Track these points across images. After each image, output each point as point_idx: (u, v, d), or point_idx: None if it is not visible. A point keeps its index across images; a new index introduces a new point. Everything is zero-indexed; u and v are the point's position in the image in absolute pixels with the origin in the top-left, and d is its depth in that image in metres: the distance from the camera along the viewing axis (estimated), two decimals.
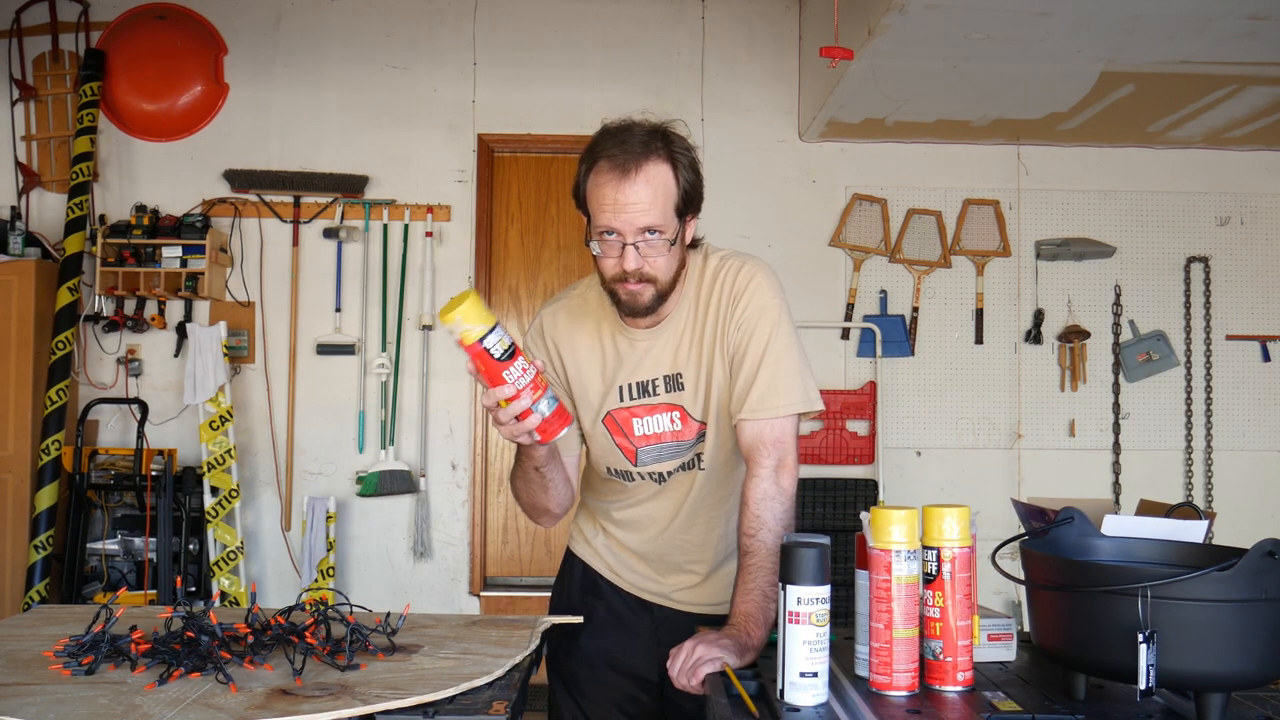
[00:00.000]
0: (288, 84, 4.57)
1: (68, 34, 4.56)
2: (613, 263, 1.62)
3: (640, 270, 1.61)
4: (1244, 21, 3.23)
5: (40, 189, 4.54)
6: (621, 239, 1.59)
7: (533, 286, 4.65)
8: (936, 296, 4.61)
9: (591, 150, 1.62)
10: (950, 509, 1.29)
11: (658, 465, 1.77)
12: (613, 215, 1.58)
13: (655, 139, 1.61)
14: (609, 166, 1.58)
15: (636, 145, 1.59)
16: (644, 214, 1.57)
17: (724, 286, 1.72)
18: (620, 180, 1.57)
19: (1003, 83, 3.84)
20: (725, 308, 1.71)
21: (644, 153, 1.58)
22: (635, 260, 1.60)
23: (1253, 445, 4.63)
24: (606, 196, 1.58)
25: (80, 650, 1.35)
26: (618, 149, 1.58)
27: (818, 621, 1.25)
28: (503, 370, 1.44)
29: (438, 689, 1.24)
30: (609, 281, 1.65)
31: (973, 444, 4.60)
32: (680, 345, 1.75)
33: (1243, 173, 4.67)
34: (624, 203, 1.57)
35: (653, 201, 1.58)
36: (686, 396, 1.75)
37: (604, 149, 1.60)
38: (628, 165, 1.57)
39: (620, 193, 1.57)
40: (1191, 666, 1.15)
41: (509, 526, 4.62)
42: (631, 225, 1.58)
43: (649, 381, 1.76)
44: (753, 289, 1.70)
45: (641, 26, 4.62)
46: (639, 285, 1.62)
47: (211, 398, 4.24)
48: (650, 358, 1.75)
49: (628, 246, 1.59)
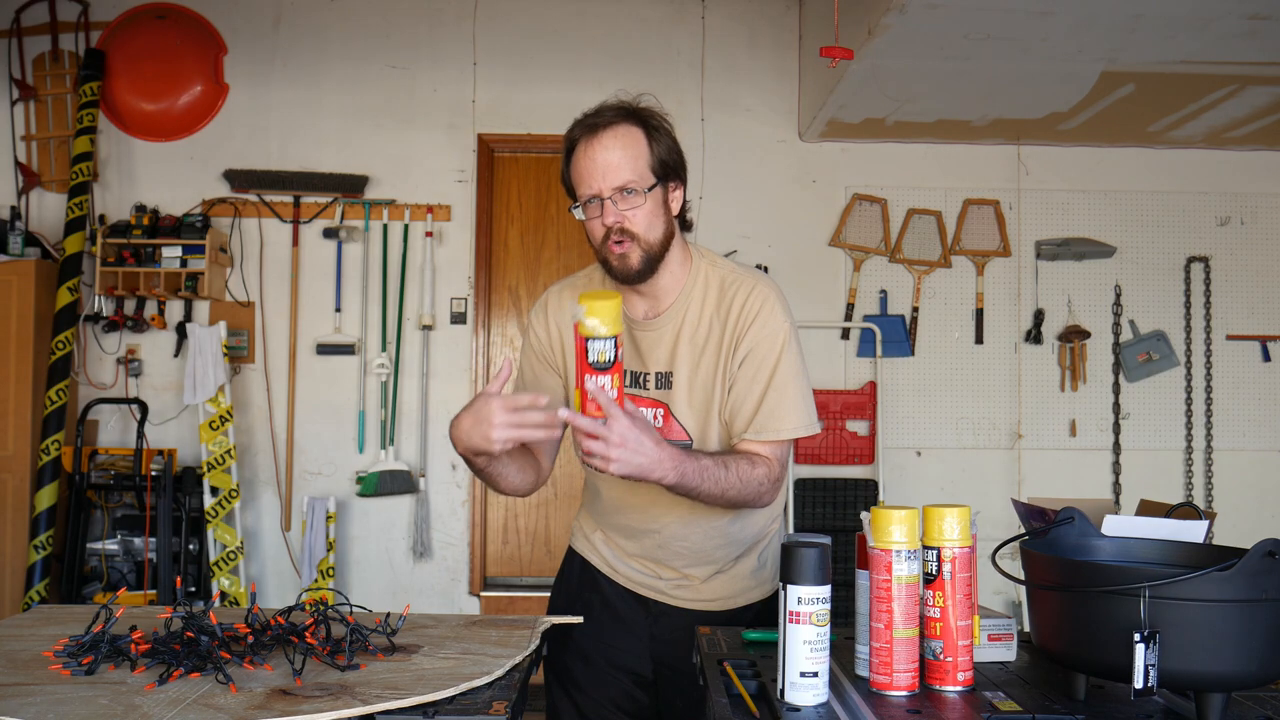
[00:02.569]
0: (288, 84, 4.56)
1: (68, 34, 4.56)
2: (596, 223, 1.68)
3: (620, 224, 1.65)
4: (1244, 21, 3.23)
5: (40, 189, 4.54)
6: (599, 198, 1.65)
7: (533, 286, 4.65)
8: (936, 296, 4.61)
9: (569, 132, 1.71)
10: (950, 509, 1.29)
11: None
12: (588, 176, 1.65)
13: (624, 109, 1.70)
14: (583, 135, 1.68)
15: (606, 112, 1.68)
16: (616, 169, 1.64)
17: (735, 303, 1.74)
18: (591, 141, 1.66)
19: (1003, 83, 3.84)
20: (735, 324, 1.74)
21: (613, 118, 1.67)
22: (614, 214, 1.65)
23: (1253, 445, 4.63)
24: (581, 161, 1.67)
25: (80, 650, 1.35)
26: (588, 118, 1.69)
27: (818, 621, 1.25)
28: (584, 374, 1.49)
29: (438, 689, 1.24)
30: (598, 249, 1.71)
31: (973, 444, 4.60)
32: (678, 344, 1.76)
33: (1243, 173, 4.67)
34: (597, 161, 1.65)
35: (623, 158, 1.65)
36: (674, 395, 1.76)
37: (579, 125, 1.70)
38: (597, 127, 1.66)
39: (590, 150, 1.65)
40: (1191, 666, 1.15)
41: (509, 526, 4.62)
42: (607, 182, 1.64)
43: (641, 374, 1.78)
44: (766, 312, 1.73)
45: (641, 26, 4.62)
46: (624, 245, 1.67)
47: (211, 398, 4.24)
48: (645, 351, 1.77)
49: (605, 201, 1.65)
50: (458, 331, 4.54)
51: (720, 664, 1.42)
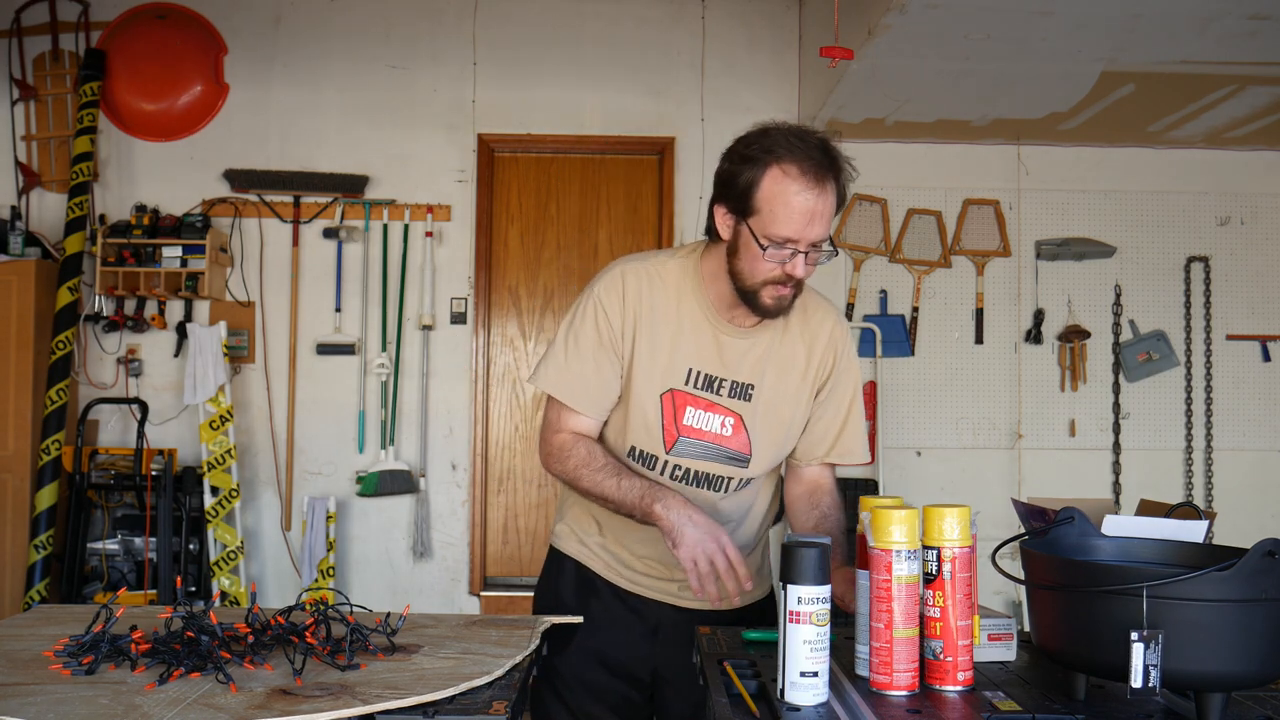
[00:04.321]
0: (288, 84, 4.57)
1: (68, 34, 4.56)
2: (772, 267, 1.62)
3: (801, 278, 1.64)
4: (1244, 21, 3.23)
5: (40, 189, 4.54)
6: (795, 247, 1.60)
7: (533, 286, 4.65)
8: (936, 296, 4.62)
9: (771, 149, 1.60)
10: (950, 509, 1.29)
11: (687, 460, 1.76)
12: (803, 224, 1.58)
13: (834, 151, 1.62)
14: (801, 173, 1.57)
15: (823, 156, 1.59)
16: (824, 226, 1.60)
17: (822, 330, 1.80)
18: (816, 191, 1.58)
19: (1003, 83, 3.84)
20: (823, 352, 1.79)
21: (831, 166, 1.60)
22: (803, 269, 1.62)
23: (1253, 445, 4.63)
24: (798, 207, 1.57)
25: (80, 650, 1.35)
26: (808, 157, 1.58)
27: (818, 621, 1.25)
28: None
29: (438, 689, 1.24)
30: (758, 283, 1.64)
31: (973, 444, 4.60)
32: (767, 359, 1.76)
33: (1243, 173, 4.67)
34: (816, 213, 1.58)
35: (832, 213, 1.61)
36: (752, 409, 1.75)
37: (793, 151, 1.58)
38: (822, 178, 1.58)
39: (814, 204, 1.57)
40: (1191, 666, 1.15)
41: (509, 526, 4.62)
42: (814, 236, 1.60)
43: (719, 379, 1.76)
44: (847, 342, 1.83)
45: (641, 26, 4.62)
46: (790, 290, 1.65)
47: (211, 398, 4.24)
48: (730, 359, 1.75)
49: (798, 254, 1.60)
50: (458, 331, 4.54)
51: (720, 664, 1.42)
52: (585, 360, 1.75)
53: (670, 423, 1.74)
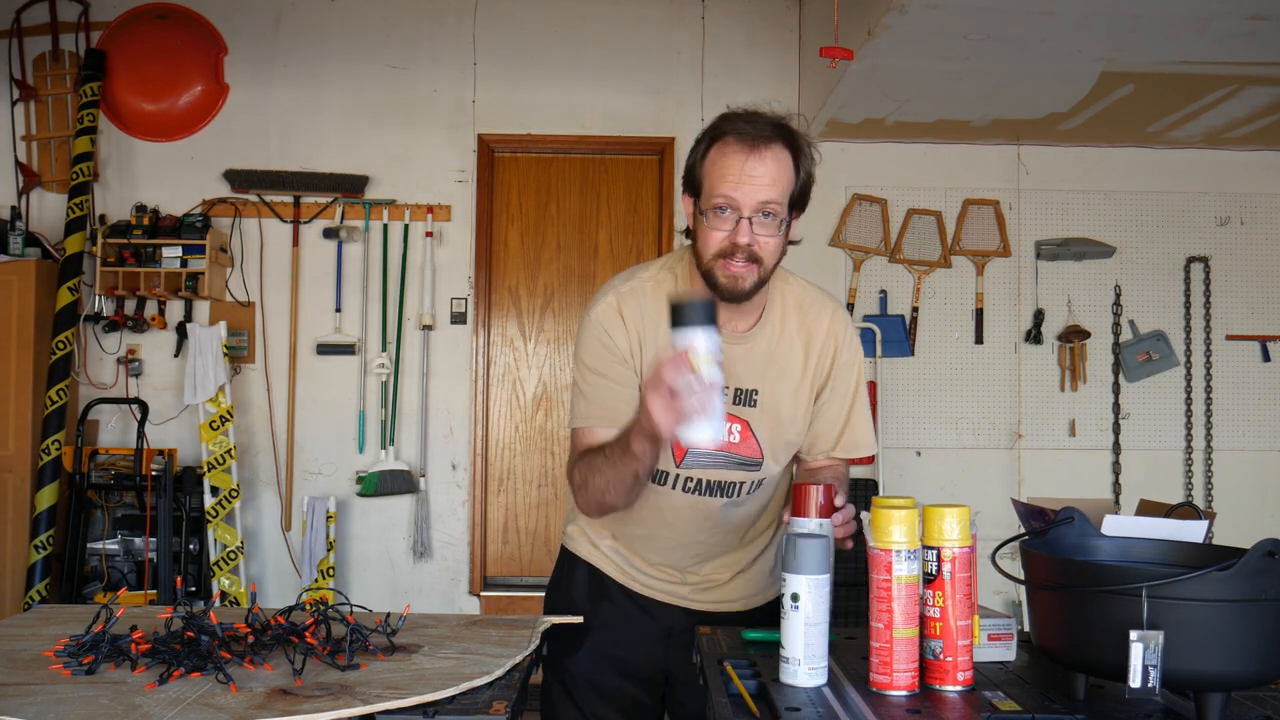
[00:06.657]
0: (288, 84, 4.56)
1: (68, 34, 4.56)
2: (722, 235, 1.60)
3: (750, 247, 1.59)
4: (1244, 21, 3.23)
5: (40, 189, 4.54)
6: (738, 212, 1.58)
7: (533, 286, 4.65)
8: (936, 296, 4.62)
9: (715, 128, 1.63)
10: (950, 509, 1.29)
11: (699, 471, 1.75)
12: (735, 185, 1.58)
13: (783, 127, 1.63)
14: (737, 139, 1.60)
15: (766, 126, 1.61)
16: (766, 188, 1.58)
17: (820, 326, 1.77)
18: (749, 153, 1.58)
19: (1003, 83, 3.84)
20: (821, 348, 1.76)
21: (773, 134, 1.60)
22: (749, 234, 1.59)
23: (1253, 445, 4.63)
24: (731, 167, 1.58)
25: (80, 650, 1.35)
26: (748, 125, 1.60)
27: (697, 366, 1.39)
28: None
29: (438, 689, 1.24)
30: (711, 259, 1.62)
31: (973, 444, 4.60)
32: (766, 362, 1.74)
33: (1243, 173, 4.67)
34: (749, 174, 1.57)
35: (775, 180, 1.59)
36: (755, 414, 1.74)
37: (733, 126, 1.61)
38: (757, 141, 1.59)
39: (747, 164, 1.58)
40: (1191, 666, 1.15)
41: (509, 526, 4.62)
42: (752, 198, 1.58)
43: (721, 389, 1.74)
44: (849, 336, 1.80)
45: (641, 26, 4.62)
46: (745, 267, 1.60)
47: (211, 398, 4.24)
48: (728, 363, 1.69)
49: (743, 220, 1.58)
50: (458, 331, 4.54)
51: (720, 664, 1.42)
52: (599, 379, 1.74)
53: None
